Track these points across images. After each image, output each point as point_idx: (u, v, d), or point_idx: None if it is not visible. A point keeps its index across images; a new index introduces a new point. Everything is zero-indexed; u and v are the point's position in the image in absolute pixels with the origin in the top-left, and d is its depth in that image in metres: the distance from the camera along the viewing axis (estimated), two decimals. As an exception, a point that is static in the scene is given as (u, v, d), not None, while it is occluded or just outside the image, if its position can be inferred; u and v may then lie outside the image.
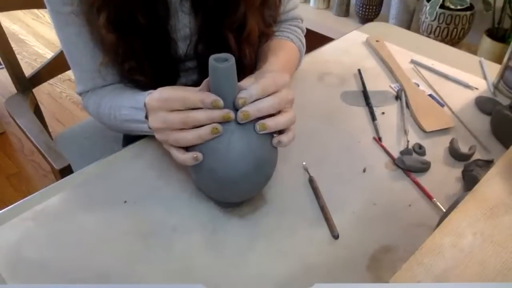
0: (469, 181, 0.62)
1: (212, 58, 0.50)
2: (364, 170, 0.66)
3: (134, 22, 0.65)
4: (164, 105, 0.55)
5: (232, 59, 0.50)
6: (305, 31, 0.87)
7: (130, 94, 0.69)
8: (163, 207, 0.60)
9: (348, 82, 0.86)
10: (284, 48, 0.78)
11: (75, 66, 0.74)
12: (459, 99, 0.81)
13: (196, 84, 0.81)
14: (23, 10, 2.88)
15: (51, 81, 1.11)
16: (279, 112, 0.55)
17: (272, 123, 0.53)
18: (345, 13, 1.89)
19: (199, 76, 0.81)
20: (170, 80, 0.77)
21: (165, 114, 0.55)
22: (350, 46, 0.98)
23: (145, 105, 0.62)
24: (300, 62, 0.85)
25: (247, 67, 0.75)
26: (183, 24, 0.73)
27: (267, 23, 0.78)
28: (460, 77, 0.86)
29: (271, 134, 0.57)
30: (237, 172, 0.53)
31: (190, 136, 0.53)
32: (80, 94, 0.77)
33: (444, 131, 0.73)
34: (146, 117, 0.61)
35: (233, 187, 0.54)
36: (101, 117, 0.73)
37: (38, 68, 1.06)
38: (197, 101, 0.52)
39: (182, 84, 0.81)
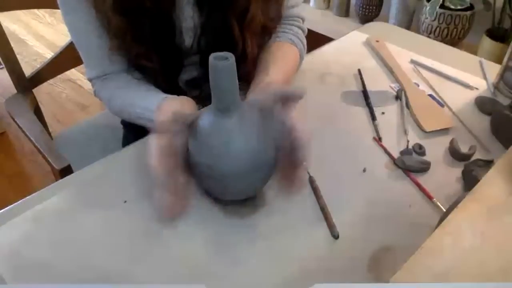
0: (469, 181, 0.62)
1: (212, 57, 0.50)
2: (364, 170, 0.66)
3: (140, 5, 0.67)
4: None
5: (232, 57, 0.50)
6: (306, 31, 0.87)
7: (143, 91, 0.72)
8: (163, 207, 0.60)
9: (348, 82, 0.86)
10: (285, 55, 0.79)
11: (83, 52, 0.75)
12: (459, 99, 0.81)
13: (196, 80, 0.81)
14: (23, 10, 2.87)
15: (51, 81, 1.11)
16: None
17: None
18: (345, 13, 1.89)
19: (200, 72, 0.82)
20: (175, 69, 0.78)
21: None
22: (350, 46, 0.98)
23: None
24: (300, 65, 0.85)
25: (250, 57, 0.76)
26: (188, 16, 0.74)
27: (271, 17, 0.78)
28: (460, 77, 0.86)
29: (270, 136, 0.57)
30: (233, 171, 0.53)
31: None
32: (90, 80, 0.78)
33: (444, 131, 0.73)
34: None
35: (230, 185, 0.55)
36: (113, 108, 0.76)
37: (38, 68, 1.06)
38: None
39: (184, 81, 0.81)
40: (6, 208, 0.60)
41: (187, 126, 0.55)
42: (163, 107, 0.65)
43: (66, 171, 0.83)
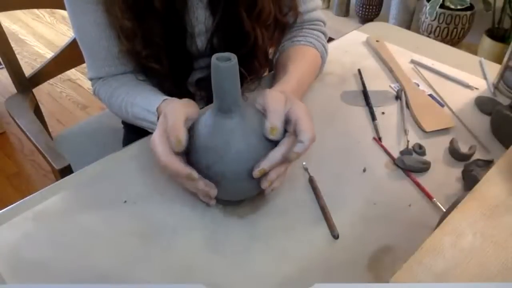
0: (469, 181, 0.62)
1: (214, 57, 0.50)
2: (364, 170, 0.66)
3: (151, 7, 0.66)
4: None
5: (234, 58, 0.50)
6: (328, 35, 0.87)
7: (144, 92, 0.71)
8: (163, 207, 0.60)
9: (348, 82, 0.86)
10: (305, 57, 0.78)
11: (88, 53, 0.75)
12: (459, 99, 0.81)
13: (205, 81, 0.81)
14: (23, 10, 2.88)
15: (51, 81, 1.11)
16: None
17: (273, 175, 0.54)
18: (345, 13, 1.89)
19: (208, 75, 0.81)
20: (185, 72, 0.78)
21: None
22: (350, 46, 0.98)
23: (157, 110, 0.64)
24: (322, 68, 0.85)
25: (260, 51, 0.75)
26: (201, 20, 0.74)
27: (283, 11, 0.77)
28: (460, 77, 0.86)
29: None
30: (234, 171, 0.53)
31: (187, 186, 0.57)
32: (90, 79, 0.78)
33: (444, 131, 0.73)
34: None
35: (230, 185, 0.55)
36: (112, 107, 0.75)
37: (38, 68, 1.06)
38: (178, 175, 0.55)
39: (194, 82, 0.81)
40: (6, 208, 0.60)
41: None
42: (160, 109, 0.65)
43: (66, 171, 0.83)
